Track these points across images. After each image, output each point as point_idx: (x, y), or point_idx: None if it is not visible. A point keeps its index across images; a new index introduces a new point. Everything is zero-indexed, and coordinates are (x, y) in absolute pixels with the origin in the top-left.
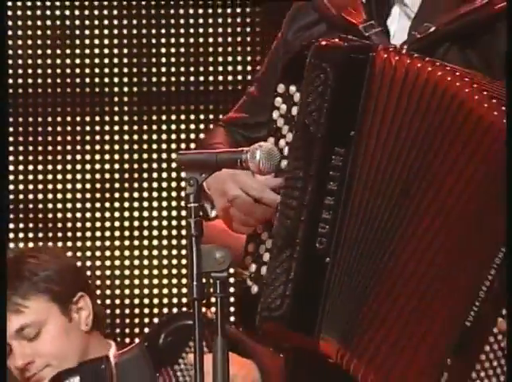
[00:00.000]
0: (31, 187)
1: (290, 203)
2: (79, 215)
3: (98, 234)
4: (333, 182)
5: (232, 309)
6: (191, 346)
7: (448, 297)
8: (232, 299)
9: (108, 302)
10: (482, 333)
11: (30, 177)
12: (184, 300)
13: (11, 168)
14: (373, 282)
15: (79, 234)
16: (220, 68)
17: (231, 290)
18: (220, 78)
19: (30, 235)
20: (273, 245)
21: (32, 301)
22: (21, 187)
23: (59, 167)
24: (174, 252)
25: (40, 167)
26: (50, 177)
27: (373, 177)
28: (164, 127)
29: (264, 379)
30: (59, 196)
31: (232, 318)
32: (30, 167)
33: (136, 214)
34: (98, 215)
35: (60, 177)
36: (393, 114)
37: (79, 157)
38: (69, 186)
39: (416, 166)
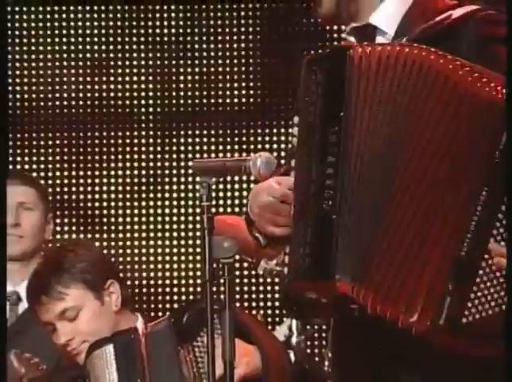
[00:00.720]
0: (73, 189)
1: (301, 182)
2: (112, 211)
3: (128, 227)
4: (332, 156)
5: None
6: None
7: (442, 228)
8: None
9: (136, 282)
10: (475, 262)
11: (72, 179)
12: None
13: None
14: (374, 223)
15: (112, 227)
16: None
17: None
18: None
19: (68, 228)
20: (293, 222)
21: (72, 289)
22: (64, 189)
23: (96, 173)
24: (190, 242)
25: (81, 172)
26: (89, 181)
27: (363, 143)
28: (182, 140)
29: (264, 367)
30: (96, 196)
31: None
32: (73, 171)
33: (159, 211)
34: (128, 211)
35: (97, 180)
36: (372, 90)
37: (113, 164)
38: (105, 188)
39: (402, 127)
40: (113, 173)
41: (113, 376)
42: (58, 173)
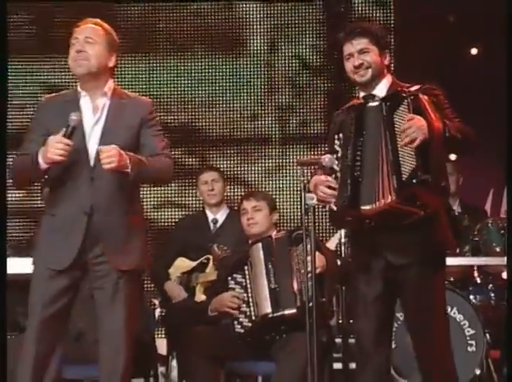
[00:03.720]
0: None
1: (345, 167)
2: None
3: None
4: (357, 156)
5: None
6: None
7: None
8: None
9: None
10: None
11: None
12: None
13: None
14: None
15: None
16: None
17: None
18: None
19: None
20: (340, 184)
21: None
22: None
23: None
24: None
25: None
26: None
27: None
28: None
29: (328, 266)
30: None
31: None
32: None
33: None
34: None
35: None
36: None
37: None
38: None
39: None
40: None
41: (260, 261)
42: None
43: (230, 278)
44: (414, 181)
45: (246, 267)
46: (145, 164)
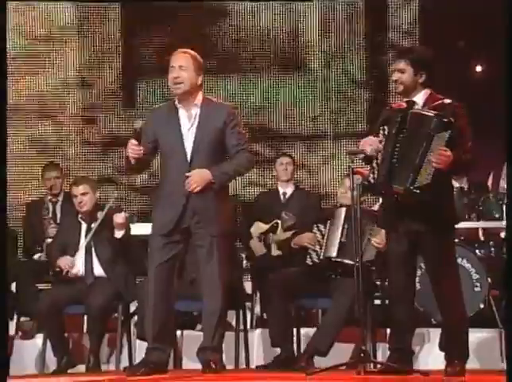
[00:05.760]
0: None
1: (386, 152)
2: None
3: None
4: (395, 146)
5: None
6: None
7: None
8: None
9: None
10: None
11: None
12: None
13: None
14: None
15: None
16: None
17: None
18: None
19: None
20: (380, 165)
21: None
22: None
23: None
24: None
25: None
26: None
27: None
28: None
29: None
30: None
31: None
32: None
33: None
34: None
35: None
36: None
37: None
38: None
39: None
40: None
41: (340, 221)
42: None
43: (315, 225)
44: (416, 190)
45: (328, 221)
46: (226, 173)
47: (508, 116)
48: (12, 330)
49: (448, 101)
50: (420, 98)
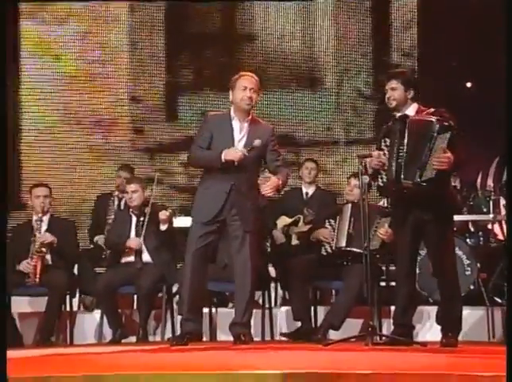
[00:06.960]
0: None
1: (392, 156)
2: None
3: None
4: (400, 152)
5: None
6: None
7: None
8: None
9: None
10: None
11: None
12: None
13: None
14: (414, 155)
15: None
16: None
17: None
18: None
19: None
20: (388, 166)
21: None
22: None
23: None
24: None
25: None
26: None
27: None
28: None
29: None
30: None
31: None
32: None
33: None
34: None
35: None
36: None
37: None
38: None
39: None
40: None
41: (347, 215)
42: None
43: (327, 220)
44: (423, 183)
45: (337, 217)
46: (283, 183)
47: (507, 120)
48: (75, 306)
49: (432, 110)
50: (410, 111)
